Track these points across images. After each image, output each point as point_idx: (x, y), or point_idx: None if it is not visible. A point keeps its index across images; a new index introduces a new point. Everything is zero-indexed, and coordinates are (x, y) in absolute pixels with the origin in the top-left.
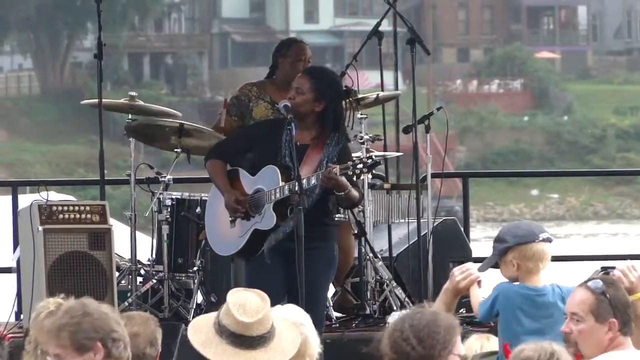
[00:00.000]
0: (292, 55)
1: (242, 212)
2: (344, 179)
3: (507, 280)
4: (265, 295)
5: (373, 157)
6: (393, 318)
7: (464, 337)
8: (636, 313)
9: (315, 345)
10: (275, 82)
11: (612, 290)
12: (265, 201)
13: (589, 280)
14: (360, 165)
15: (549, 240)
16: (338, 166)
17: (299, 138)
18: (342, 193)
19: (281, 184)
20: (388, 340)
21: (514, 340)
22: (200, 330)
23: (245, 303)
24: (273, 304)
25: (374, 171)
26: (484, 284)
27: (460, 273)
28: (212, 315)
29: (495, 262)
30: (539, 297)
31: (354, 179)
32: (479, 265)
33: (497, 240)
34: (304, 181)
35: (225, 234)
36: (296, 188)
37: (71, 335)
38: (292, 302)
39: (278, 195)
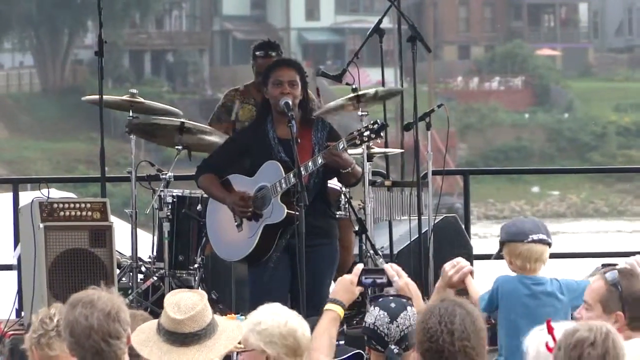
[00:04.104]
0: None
1: (249, 210)
2: (347, 154)
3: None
4: (203, 294)
5: (378, 121)
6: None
7: None
8: None
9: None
10: (257, 85)
11: (626, 283)
12: (271, 195)
13: (608, 270)
14: (367, 133)
15: (541, 241)
16: (343, 138)
17: (285, 132)
18: (349, 169)
19: (284, 175)
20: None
21: (514, 329)
22: (143, 331)
23: (180, 301)
24: None
25: (374, 168)
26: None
27: (451, 267)
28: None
29: (499, 252)
30: (537, 285)
31: (364, 147)
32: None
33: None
34: (310, 163)
35: (233, 239)
36: (299, 176)
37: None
38: (295, 300)
39: (284, 185)
